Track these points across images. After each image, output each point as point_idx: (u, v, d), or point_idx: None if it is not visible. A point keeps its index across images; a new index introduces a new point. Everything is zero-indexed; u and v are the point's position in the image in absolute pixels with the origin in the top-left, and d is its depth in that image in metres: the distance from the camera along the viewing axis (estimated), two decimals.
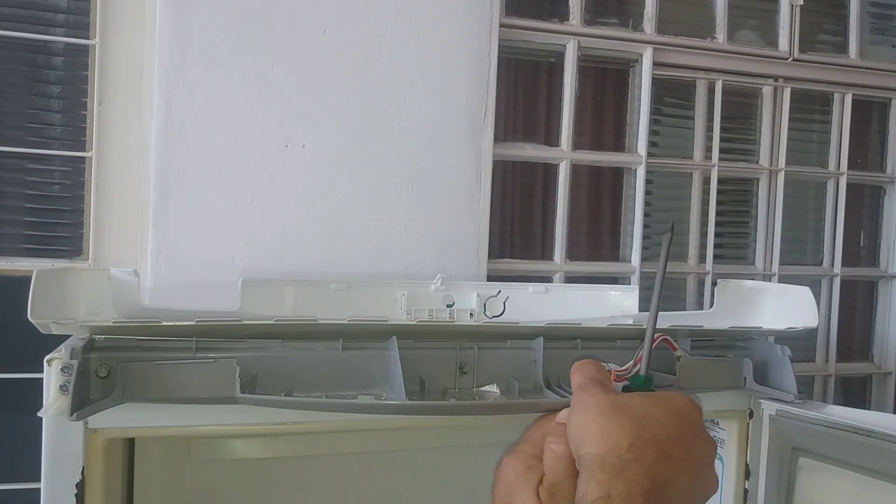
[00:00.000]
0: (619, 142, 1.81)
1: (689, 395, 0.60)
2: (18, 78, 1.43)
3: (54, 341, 0.90)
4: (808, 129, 1.98)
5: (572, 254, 1.73)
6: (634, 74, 1.79)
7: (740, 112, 1.91)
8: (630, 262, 1.74)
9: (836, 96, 1.95)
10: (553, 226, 1.71)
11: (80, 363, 0.83)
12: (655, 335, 0.75)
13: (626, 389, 0.64)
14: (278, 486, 1.16)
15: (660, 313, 0.65)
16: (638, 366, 0.64)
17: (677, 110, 1.86)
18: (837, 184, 1.96)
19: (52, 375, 0.83)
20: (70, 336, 0.93)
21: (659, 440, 0.50)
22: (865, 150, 2.04)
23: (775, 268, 1.89)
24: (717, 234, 1.84)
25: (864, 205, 2.06)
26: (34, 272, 0.91)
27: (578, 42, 1.69)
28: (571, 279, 1.70)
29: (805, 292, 1.12)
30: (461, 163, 1.51)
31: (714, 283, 1.73)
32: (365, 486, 1.20)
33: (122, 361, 0.87)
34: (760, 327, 1.14)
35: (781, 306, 1.15)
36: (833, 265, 1.97)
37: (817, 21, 1.94)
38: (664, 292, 0.64)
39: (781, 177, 1.89)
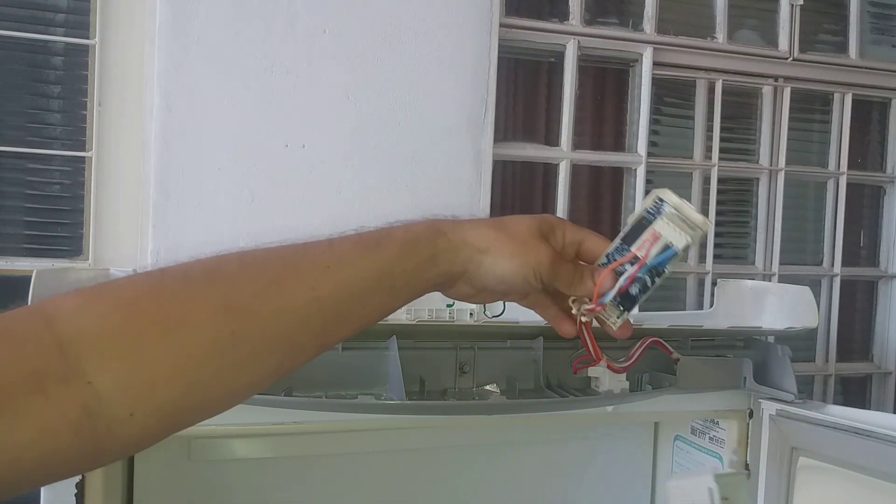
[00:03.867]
0: (618, 142, 1.81)
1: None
2: (18, 78, 1.43)
3: None
4: (808, 129, 1.98)
5: None
6: (634, 74, 1.79)
7: (740, 112, 1.91)
8: None
9: (836, 96, 1.95)
10: None
11: None
12: (645, 336, 0.74)
13: None
14: (278, 485, 1.16)
15: (659, 313, 0.64)
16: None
17: (677, 110, 1.86)
18: (837, 184, 1.96)
19: None
20: None
21: None
22: (865, 150, 2.04)
23: (775, 268, 1.88)
24: (717, 234, 1.84)
25: (864, 204, 2.06)
26: (34, 272, 0.91)
27: (578, 42, 1.69)
28: None
29: (805, 292, 1.12)
30: (461, 163, 1.51)
31: (714, 283, 1.73)
32: (365, 486, 1.20)
33: None
34: (760, 327, 1.14)
35: (781, 306, 1.15)
36: (833, 265, 1.97)
37: (817, 21, 1.94)
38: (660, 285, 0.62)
39: (781, 177, 1.89)
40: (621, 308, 0.62)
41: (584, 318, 0.62)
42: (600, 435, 1.33)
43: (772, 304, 1.16)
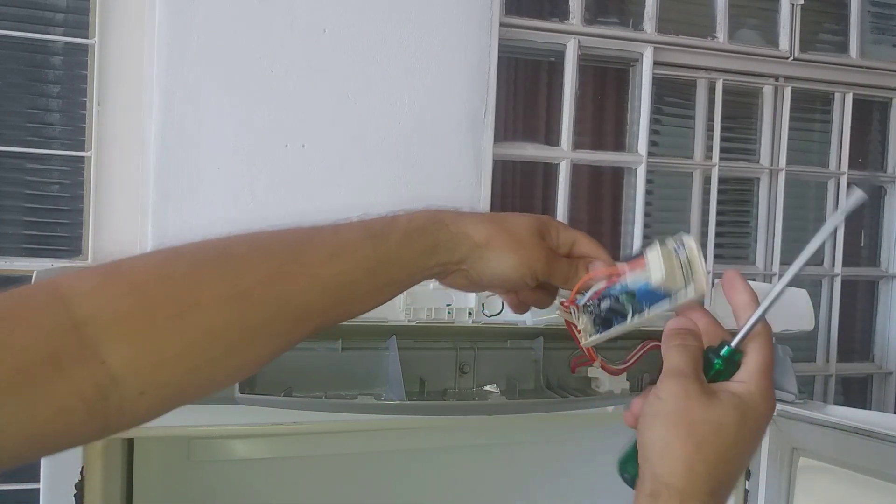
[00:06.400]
0: (619, 141, 1.80)
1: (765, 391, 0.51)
2: (18, 78, 1.43)
3: None
4: (809, 129, 1.98)
5: None
6: (635, 74, 1.79)
7: (741, 111, 1.91)
8: None
9: (837, 96, 1.95)
10: None
11: None
12: (645, 342, 0.70)
13: (706, 358, 0.53)
14: (278, 486, 1.15)
15: (654, 314, 0.59)
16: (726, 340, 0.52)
17: (678, 110, 1.85)
18: (838, 183, 1.96)
19: None
20: None
21: (735, 472, 0.50)
22: (866, 150, 2.04)
23: (776, 267, 1.88)
24: (717, 234, 1.84)
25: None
26: (35, 272, 0.91)
27: (579, 41, 1.69)
28: None
29: (802, 295, 1.12)
30: (461, 163, 1.51)
31: (714, 284, 1.72)
32: (364, 486, 1.20)
33: None
34: None
35: (778, 308, 1.14)
36: (834, 265, 1.96)
37: (818, 20, 1.94)
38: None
39: (782, 176, 1.89)
40: (596, 326, 0.60)
41: (565, 314, 0.63)
42: (600, 435, 1.32)
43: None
